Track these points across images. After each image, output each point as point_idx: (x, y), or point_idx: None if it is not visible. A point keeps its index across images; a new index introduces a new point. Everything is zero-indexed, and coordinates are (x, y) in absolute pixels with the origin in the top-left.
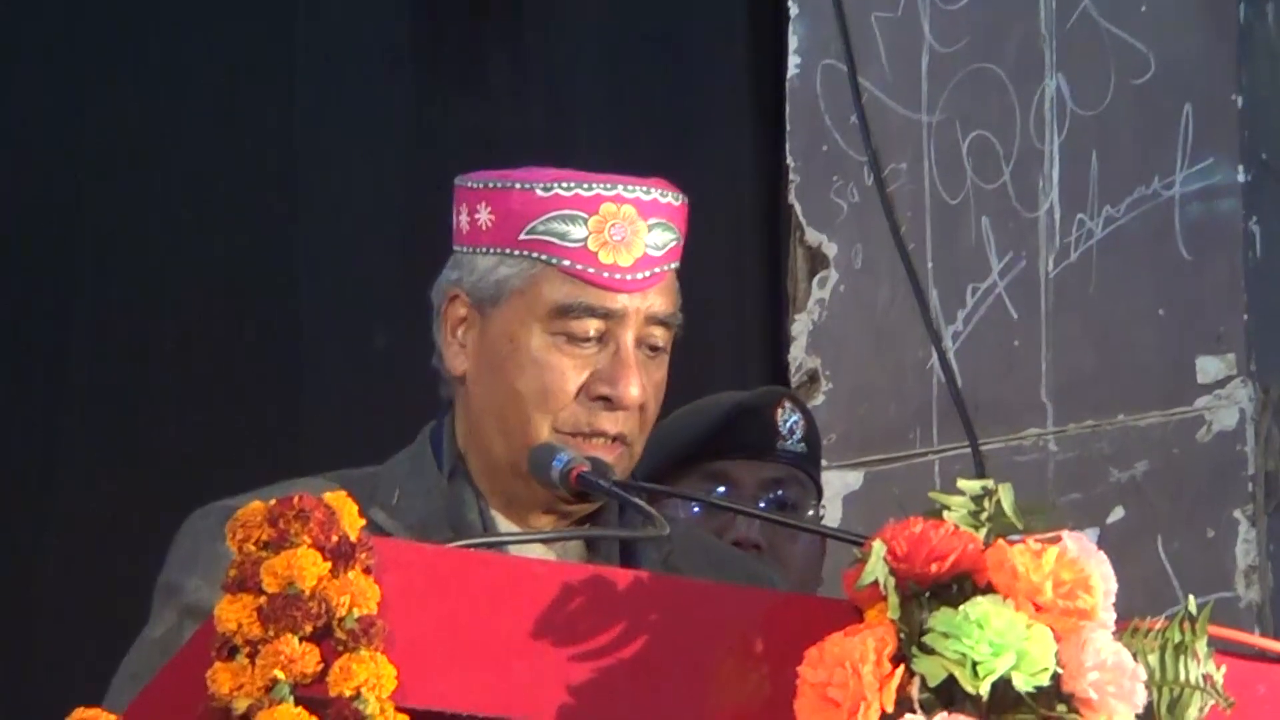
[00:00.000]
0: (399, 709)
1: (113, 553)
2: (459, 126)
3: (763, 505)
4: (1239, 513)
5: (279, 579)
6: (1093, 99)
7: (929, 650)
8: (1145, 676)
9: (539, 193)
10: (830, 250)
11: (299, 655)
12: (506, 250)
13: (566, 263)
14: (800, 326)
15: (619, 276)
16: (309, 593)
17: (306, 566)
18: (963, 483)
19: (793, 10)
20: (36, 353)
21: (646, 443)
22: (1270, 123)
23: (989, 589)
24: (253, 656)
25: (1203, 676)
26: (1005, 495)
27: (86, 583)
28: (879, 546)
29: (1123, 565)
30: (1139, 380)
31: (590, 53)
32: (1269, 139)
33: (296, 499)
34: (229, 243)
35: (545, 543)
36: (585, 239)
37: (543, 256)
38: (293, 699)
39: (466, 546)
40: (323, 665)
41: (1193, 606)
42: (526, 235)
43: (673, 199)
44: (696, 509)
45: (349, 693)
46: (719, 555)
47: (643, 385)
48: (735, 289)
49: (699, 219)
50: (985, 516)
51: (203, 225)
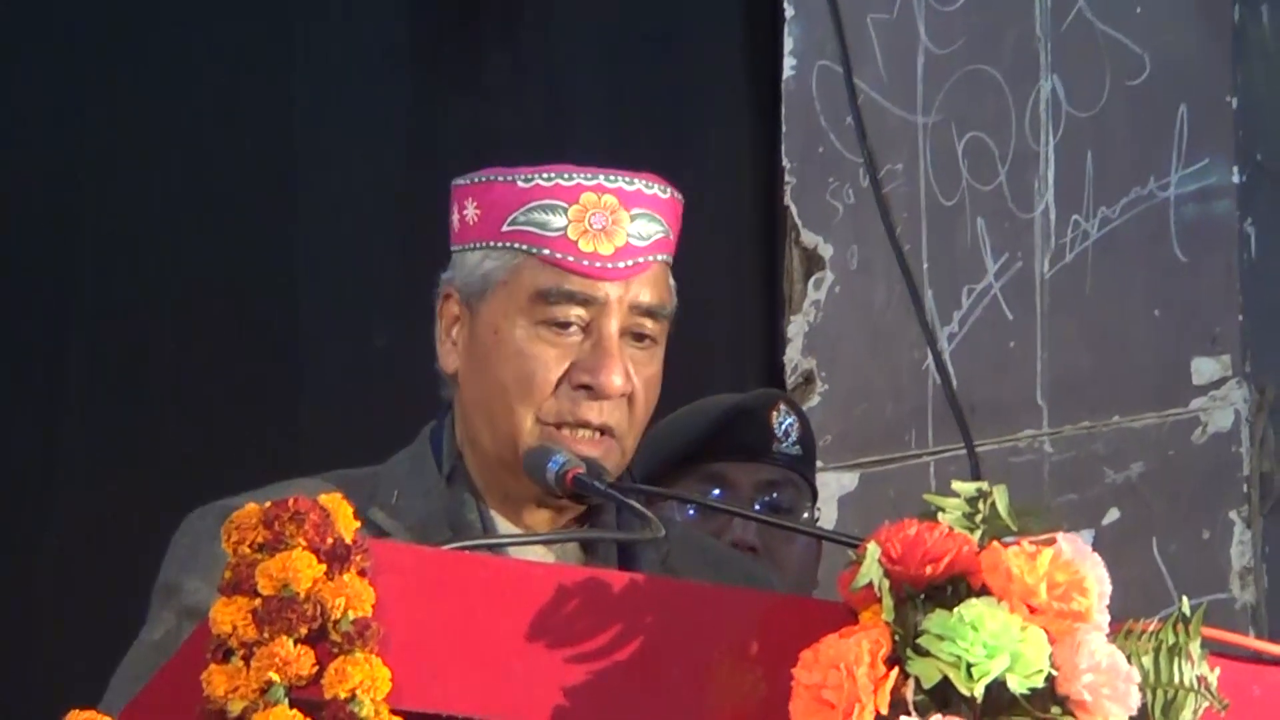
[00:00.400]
0: (394, 711)
1: (112, 553)
2: (458, 126)
3: (758, 507)
4: (1234, 514)
5: (274, 581)
6: (1088, 100)
7: (924, 652)
8: (1140, 678)
9: (520, 184)
10: (826, 251)
11: (294, 657)
12: (490, 244)
13: (546, 251)
14: (796, 328)
15: (599, 265)
16: (304, 595)
17: (301, 569)
18: (958, 484)
19: (788, 12)
20: (36, 353)
21: (642, 444)
22: (1265, 123)
23: (984, 591)
24: (248, 659)
25: (1197, 678)
26: (1000, 497)
27: (86, 583)
28: (874, 548)
29: (1118, 567)
30: (1134, 381)
31: (588, 54)
32: (1264, 140)
33: (291, 501)
34: (228, 243)
35: (543, 544)
36: (565, 228)
37: (523, 246)
38: (288, 701)
39: (462, 548)
40: (318, 667)
41: (1187, 608)
42: (508, 227)
43: (659, 191)
44: (692, 511)
45: (344, 695)
46: (716, 556)
47: (627, 375)
48: (731, 290)
49: (695, 220)
50: (980, 518)
51: (202, 225)
